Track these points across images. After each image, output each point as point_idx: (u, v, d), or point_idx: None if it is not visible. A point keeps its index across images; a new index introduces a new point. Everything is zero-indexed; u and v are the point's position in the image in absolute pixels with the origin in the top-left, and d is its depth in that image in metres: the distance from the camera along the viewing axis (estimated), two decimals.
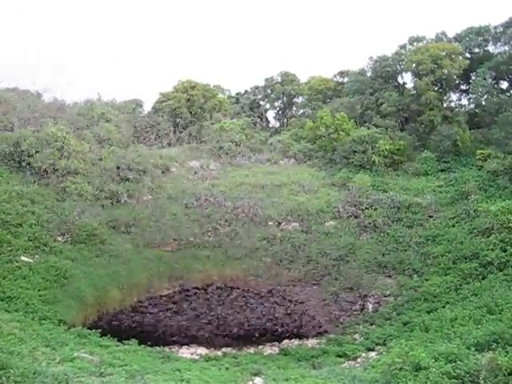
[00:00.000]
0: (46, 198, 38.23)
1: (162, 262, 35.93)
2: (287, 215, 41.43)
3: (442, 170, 46.82)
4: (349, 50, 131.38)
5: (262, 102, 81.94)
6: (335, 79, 70.77)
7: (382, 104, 55.06)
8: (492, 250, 29.67)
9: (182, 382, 16.83)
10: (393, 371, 14.16)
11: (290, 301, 33.42)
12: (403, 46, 58.65)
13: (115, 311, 30.88)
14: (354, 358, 22.56)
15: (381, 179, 45.76)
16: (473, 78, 53.00)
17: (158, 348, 24.75)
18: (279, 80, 78.48)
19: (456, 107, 58.64)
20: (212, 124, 63.50)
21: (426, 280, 30.86)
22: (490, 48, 55.63)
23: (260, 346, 27.06)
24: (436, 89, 53.55)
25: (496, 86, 53.34)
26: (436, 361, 14.23)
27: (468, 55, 55.76)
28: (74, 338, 22.47)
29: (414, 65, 53.49)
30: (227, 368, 21.09)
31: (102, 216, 38.51)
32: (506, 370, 12.51)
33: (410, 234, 37.15)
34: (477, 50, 56.30)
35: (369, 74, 61.00)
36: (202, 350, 25.66)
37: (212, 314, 32.00)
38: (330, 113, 53.62)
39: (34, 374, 13.12)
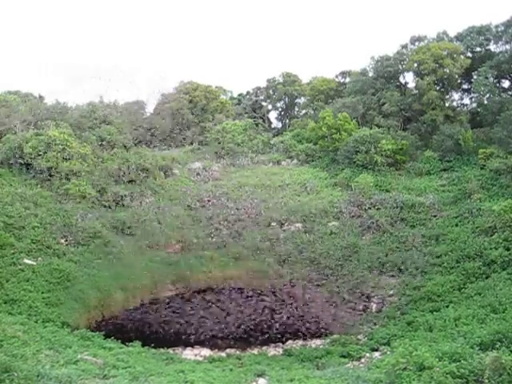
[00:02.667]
0: (48, 200, 38.29)
1: (166, 263, 35.92)
2: (290, 216, 41.38)
3: (445, 170, 46.76)
4: (350, 50, 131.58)
5: (264, 103, 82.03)
6: (337, 79, 70.78)
7: (383, 104, 55.05)
8: (495, 248, 29.62)
9: (186, 383, 16.85)
10: (397, 371, 14.14)
11: (294, 301, 33.37)
12: (405, 46, 58.61)
13: (119, 313, 30.88)
14: (358, 359, 22.52)
15: (383, 179, 45.72)
16: (474, 77, 52.90)
17: (161, 350, 24.74)
18: (281, 81, 78.53)
19: (458, 106, 58.61)
20: (214, 125, 63.56)
21: (430, 279, 30.78)
22: (492, 47, 55.57)
23: (264, 347, 27.04)
24: (438, 88, 53.51)
25: (498, 84, 53.28)
26: (440, 360, 14.20)
27: (469, 54, 55.68)
28: (77, 340, 22.49)
29: (415, 64, 53.45)
30: (231, 369, 21.09)
31: (105, 218, 38.54)
32: (510, 369, 12.48)
33: (412, 233, 37.06)
34: (478, 49, 56.19)
35: (370, 74, 60.98)
36: (206, 352, 25.65)
37: (215, 315, 31.98)
38: (332, 113, 53.59)
39: (38, 376, 13.15)
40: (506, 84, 54.61)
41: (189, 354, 25.34)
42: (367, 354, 22.88)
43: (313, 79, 73.89)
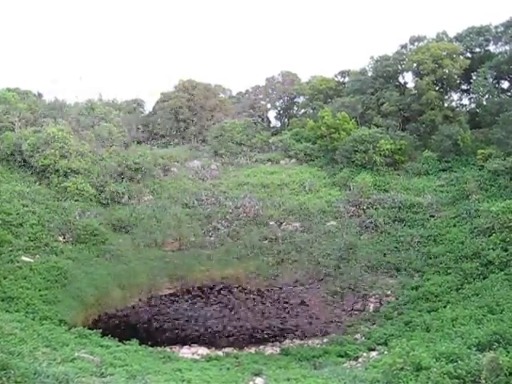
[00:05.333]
0: (46, 197, 38.28)
1: (163, 261, 35.91)
2: (288, 215, 41.39)
3: (443, 170, 46.71)
4: (350, 49, 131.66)
5: (263, 102, 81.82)
6: (336, 79, 70.59)
7: (382, 104, 55.00)
8: (493, 249, 29.64)
9: (183, 382, 16.84)
10: (394, 371, 14.14)
11: (291, 301, 33.37)
12: (404, 46, 58.56)
13: (116, 311, 30.85)
14: (355, 358, 22.53)
15: (382, 179, 45.71)
16: (474, 77, 52.87)
17: (158, 348, 24.74)
18: (280, 80, 78.43)
19: (457, 107, 58.51)
20: (213, 124, 63.48)
21: (427, 280, 30.82)
22: (491, 48, 55.51)
23: (261, 346, 27.02)
24: (437, 88, 53.42)
25: (497, 85, 53.24)
26: (437, 361, 14.20)
27: (469, 55, 55.61)
28: (74, 338, 22.47)
29: (414, 64, 53.37)
30: (228, 368, 21.07)
31: (103, 216, 38.54)
32: (507, 369, 12.47)
33: (411, 233, 37.09)
34: (478, 49, 56.14)
35: (370, 74, 60.89)
36: (203, 350, 25.64)
37: (213, 313, 31.96)
38: (331, 112, 53.54)
39: (35, 374, 13.11)
40: (505, 85, 54.56)
41: (186, 352, 25.33)
42: (364, 354, 22.89)
43: (312, 78, 73.74)
